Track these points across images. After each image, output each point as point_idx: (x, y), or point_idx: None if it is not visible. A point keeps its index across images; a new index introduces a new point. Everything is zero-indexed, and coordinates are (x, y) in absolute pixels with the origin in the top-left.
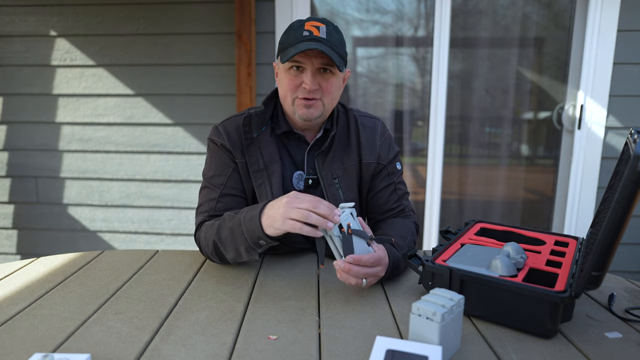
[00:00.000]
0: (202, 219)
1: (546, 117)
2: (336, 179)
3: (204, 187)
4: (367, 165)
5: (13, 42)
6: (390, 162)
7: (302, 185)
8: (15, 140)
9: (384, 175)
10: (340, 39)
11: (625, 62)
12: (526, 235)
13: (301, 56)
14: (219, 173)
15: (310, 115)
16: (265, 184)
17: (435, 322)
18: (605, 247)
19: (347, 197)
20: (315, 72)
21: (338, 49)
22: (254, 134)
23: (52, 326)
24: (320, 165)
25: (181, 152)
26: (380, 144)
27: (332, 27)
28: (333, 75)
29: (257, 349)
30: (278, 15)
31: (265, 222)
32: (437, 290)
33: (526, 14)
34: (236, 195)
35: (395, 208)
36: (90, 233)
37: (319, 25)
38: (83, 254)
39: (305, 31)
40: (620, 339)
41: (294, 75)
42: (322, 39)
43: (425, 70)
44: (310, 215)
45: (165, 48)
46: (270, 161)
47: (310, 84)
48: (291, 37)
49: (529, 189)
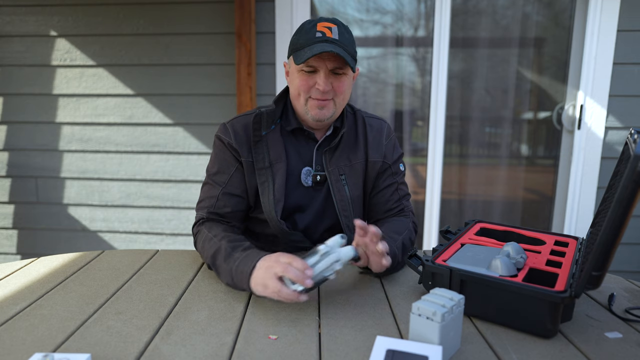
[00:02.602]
0: (201, 215)
1: (546, 117)
2: (343, 175)
3: (206, 183)
4: (373, 163)
5: (13, 42)
6: (395, 162)
7: (310, 181)
8: (15, 140)
9: (388, 174)
10: (351, 39)
11: (625, 62)
12: (526, 235)
13: (314, 58)
14: (222, 171)
15: (323, 116)
16: (268, 181)
17: (435, 322)
18: (605, 247)
19: (352, 194)
20: (328, 74)
21: (350, 49)
22: (263, 132)
23: (52, 326)
24: (327, 161)
25: (181, 152)
26: (386, 144)
27: (343, 27)
28: (345, 75)
29: (257, 349)
30: (278, 15)
31: (252, 283)
32: (437, 290)
33: (526, 14)
34: (237, 195)
35: (395, 208)
36: (90, 233)
37: (331, 27)
38: (83, 254)
39: (317, 32)
40: (620, 339)
41: (307, 76)
42: (335, 40)
43: (425, 70)
44: (282, 290)
45: (165, 48)
46: (276, 159)
47: (324, 85)
48: (303, 38)
49: (529, 189)
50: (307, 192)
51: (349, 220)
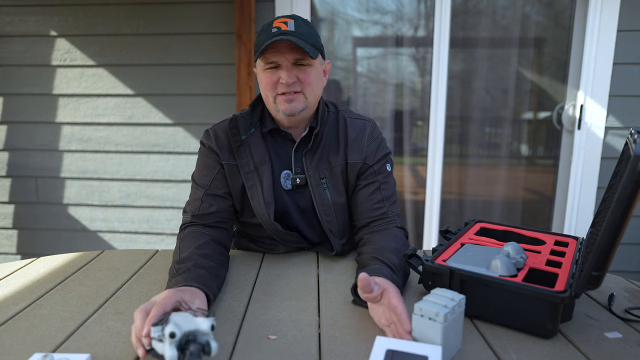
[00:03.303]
0: (185, 220)
1: (546, 117)
2: (324, 179)
3: (192, 188)
4: (352, 165)
5: (13, 42)
6: (378, 162)
7: (289, 185)
8: (15, 140)
9: (369, 173)
10: (310, 31)
11: (625, 62)
12: (526, 235)
13: (273, 54)
14: (205, 174)
15: (293, 109)
16: (256, 185)
17: (438, 322)
18: (605, 247)
19: (334, 198)
20: (291, 67)
21: (308, 39)
22: (242, 136)
23: (52, 326)
24: (307, 164)
25: (181, 152)
26: (368, 144)
27: (302, 20)
28: (310, 66)
29: (257, 349)
30: (278, 15)
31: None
32: (438, 290)
33: (526, 14)
34: (220, 196)
35: (378, 209)
36: (90, 233)
37: (286, 21)
38: (83, 254)
39: (273, 28)
40: (620, 339)
41: (270, 73)
42: (291, 32)
43: (425, 70)
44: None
45: (165, 48)
46: (260, 162)
47: (287, 77)
48: (262, 37)
49: (529, 189)
50: (289, 196)
51: (332, 225)
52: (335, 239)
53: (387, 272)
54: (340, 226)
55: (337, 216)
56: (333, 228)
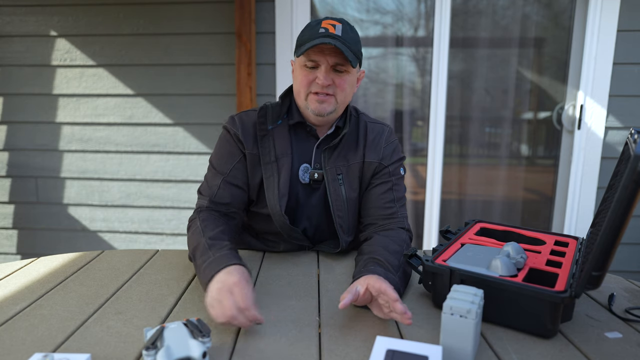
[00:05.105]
0: (202, 203)
1: (546, 117)
2: (340, 175)
3: (209, 170)
4: (369, 164)
5: (13, 42)
6: (393, 163)
7: (307, 178)
8: (15, 140)
9: (384, 173)
10: (355, 37)
11: (625, 62)
12: (526, 235)
13: (316, 53)
14: (225, 160)
15: (323, 110)
16: (274, 176)
17: (470, 319)
18: (605, 247)
19: (349, 195)
20: (329, 69)
21: (352, 46)
22: (269, 126)
23: (52, 326)
24: (326, 160)
25: (181, 152)
26: (385, 146)
27: (349, 26)
28: (347, 73)
29: (257, 349)
30: (278, 15)
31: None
32: (457, 287)
33: (526, 14)
34: (237, 186)
35: (388, 209)
36: (90, 233)
37: (335, 24)
38: (83, 254)
39: (321, 28)
40: (620, 339)
41: (308, 71)
42: (337, 36)
43: (425, 70)
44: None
45: (165, 48)
46: (281, 154)
47: (324, 79)
48: (307, 34)
49: (529, 189)
50: (304, 189)
51: (342, 221)
52: (344, 235)
53: (380, 271)
54: (351, 223)
55: (348, 212)
56: (344, 224)
